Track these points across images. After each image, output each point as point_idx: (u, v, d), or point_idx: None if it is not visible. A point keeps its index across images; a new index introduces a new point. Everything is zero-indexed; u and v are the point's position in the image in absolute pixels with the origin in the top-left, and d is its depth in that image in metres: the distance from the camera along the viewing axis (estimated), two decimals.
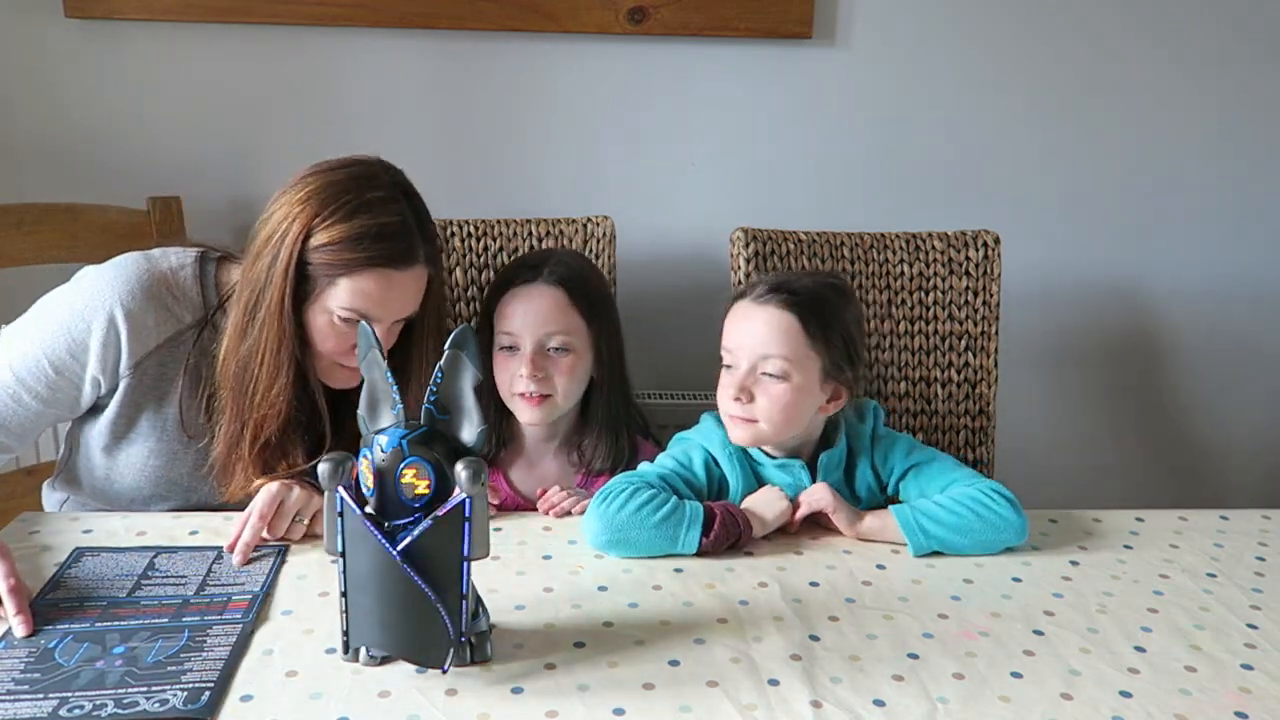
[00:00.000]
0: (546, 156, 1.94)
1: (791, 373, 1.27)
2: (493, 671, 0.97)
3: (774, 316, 1.28)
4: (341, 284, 1.20)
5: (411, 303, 1.26)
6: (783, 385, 1.27)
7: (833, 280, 1.37)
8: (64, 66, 1.81)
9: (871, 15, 1.90)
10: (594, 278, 1.49)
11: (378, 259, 1.20)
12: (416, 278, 1.25)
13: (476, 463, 0.89)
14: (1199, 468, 2.22)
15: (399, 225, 1.21)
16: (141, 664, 0.96)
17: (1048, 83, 1.96)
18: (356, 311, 1.21)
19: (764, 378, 1.27)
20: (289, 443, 1.27)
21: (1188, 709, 0.95)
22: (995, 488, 1.26)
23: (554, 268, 1.42)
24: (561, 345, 1.39)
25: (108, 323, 1.24)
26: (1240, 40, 1.96)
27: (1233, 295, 2.10)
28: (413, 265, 1.23)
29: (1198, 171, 2.03)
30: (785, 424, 1.29)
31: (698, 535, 1.19)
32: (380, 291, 1.21)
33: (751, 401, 1.27)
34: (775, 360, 1.27)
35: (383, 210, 1.21)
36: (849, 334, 1.31)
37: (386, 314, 1.24)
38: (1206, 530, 1.31)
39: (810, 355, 1.28)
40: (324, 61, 1.85)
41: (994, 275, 1.74)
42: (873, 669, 0.99)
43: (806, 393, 1.28)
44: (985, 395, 1.75)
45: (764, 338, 1.27)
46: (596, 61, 1.89)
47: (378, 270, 1.20)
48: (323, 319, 1.23)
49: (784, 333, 1.27)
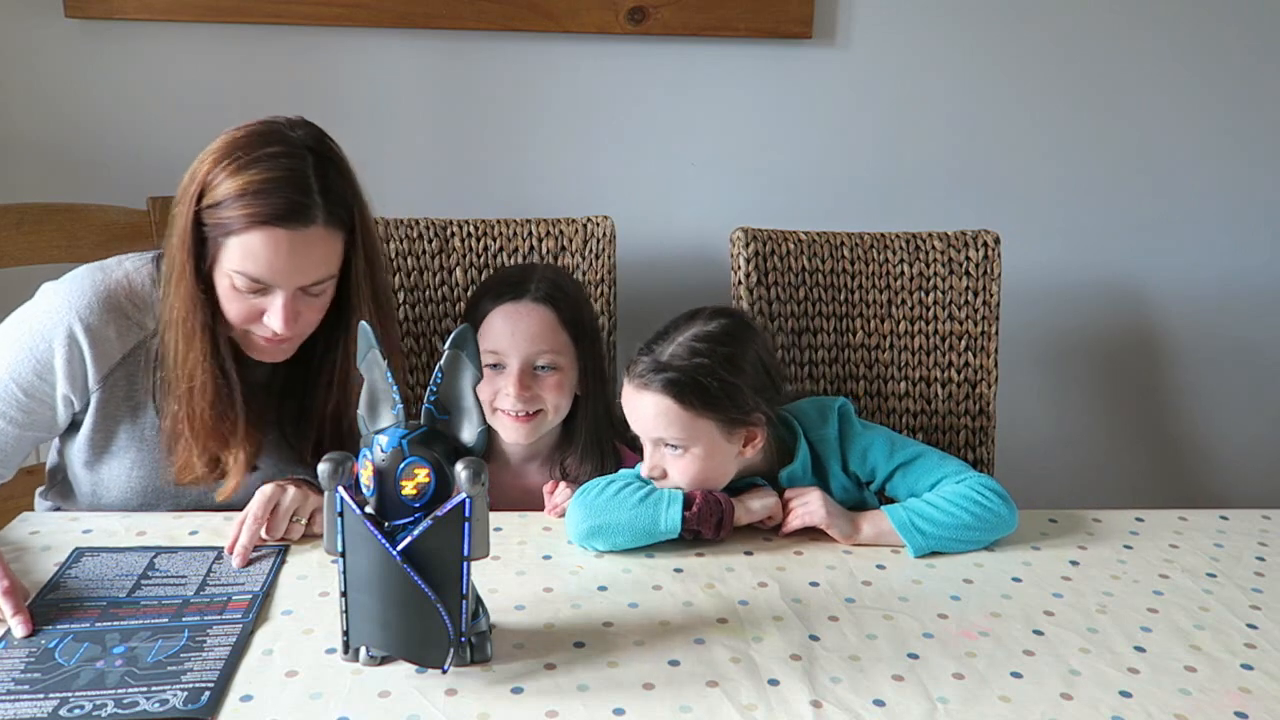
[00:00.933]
0: (546, 156, 1.94)
1: (689, 444, 1.24)
2: (493, 671, 0.97)
3: (654, 402, 1.23)
4: (231, 244, 1.14)
5: (314, 268, 1.18)
6: (685, 458, 1.24)
7: (711, 329, 1.27)
8: (64, 66, 1.81)
9: (871, 15, 1.90)
10: (577, 292, 1.48)
11: (262, 216, 1.12)
12: (315, 240, 1.16)
13: (477, 463, 0.89)
14: (1199, 468, 2.22)
15: (289, 180, 1.13)
16: (141, 664, 0.96)
17: (1048, 82, 1.96)
18: (249, 275, 1.15)
19: (667, 450, 1.25)
20: (227, 420, 1.23)
21: (1188, 709, 0.95)
22: (985, 483, 1.26)
23: (539, 284, 1.40)
24: (549, 364, 1.38)
25: (69, 340, 1.21)
26: (1241, 39, 1.96)
27: (1233, 295, 2.10)
28: (307, 225, 1.14)
29: (1198, 171, 2.03)
30: (706, 484, 1.26)
31: (679, 512, 1.20)
32: (268, 252, 1.13)
33: (665, 476, 1.26)
34: (671, 439, 1.24)
35: (274, 165, 1.13)
36: (734, 388, 1.24)
37: (282, 279, 1.16)
38: (1206, 530, 1.31)
39: (700, 423, 1.23)
40: (324, 61, 1.85)
41: (994, 275, 1.74)
42: (873, 669, 0.99)
43: (713, 453, 1.25)
44: (985, 395, 1.75)
45: (651, 422, 1.24)
46: (596, 61, 1.89)
47: (265, 229, 1.12)
48: (224, 283, 1.17)
49: (665, 415, 1.23)
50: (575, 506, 1.23)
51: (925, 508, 1.24)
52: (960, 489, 1.26)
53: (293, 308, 1.18)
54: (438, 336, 1.71)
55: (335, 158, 1.20)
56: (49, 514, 1.32)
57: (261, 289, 1.17)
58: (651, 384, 1.24)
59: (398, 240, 1.67)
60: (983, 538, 1.24)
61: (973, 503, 1.24)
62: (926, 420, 1.74)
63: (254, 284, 1.16)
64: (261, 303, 1.18)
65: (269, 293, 1.17)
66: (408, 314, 1.69)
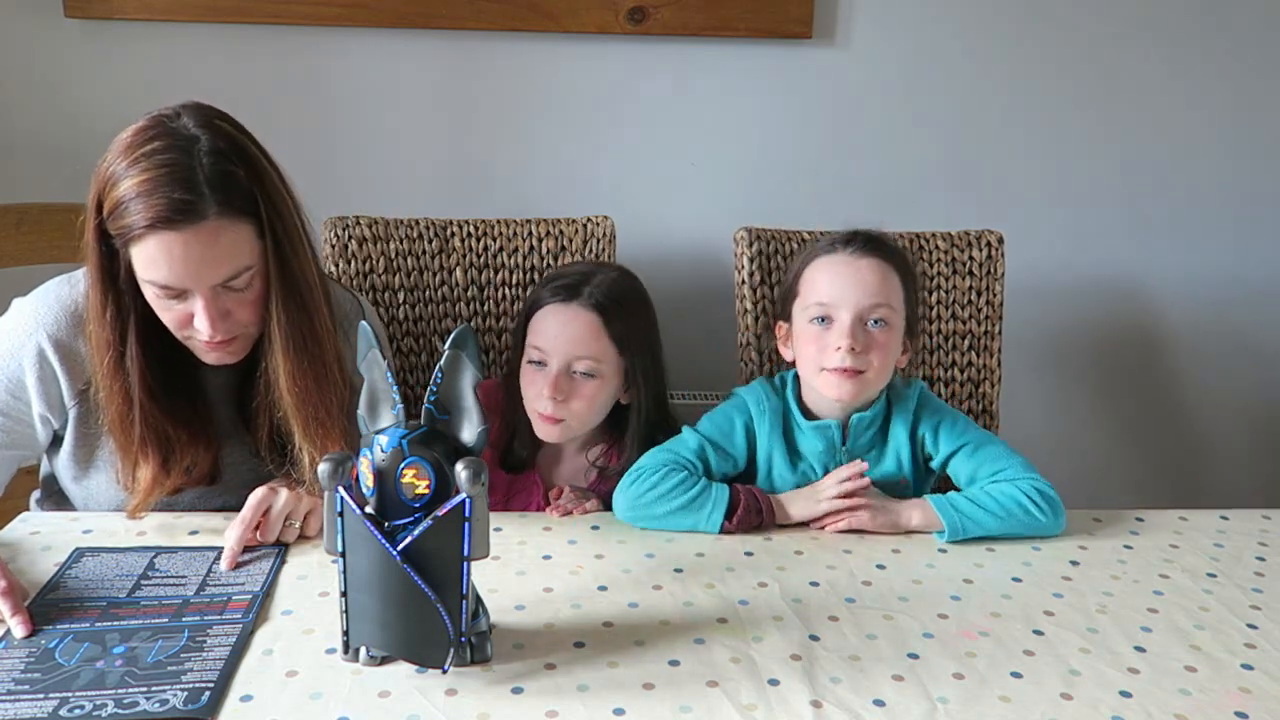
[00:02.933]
0: (546, 156, 1.94)
1: (894, 321, 1.30)
2: (493, 671, 0.97)
3: (878, 267, 1.30)
4: (134, 253, 1.10)
5: (221, 264, 1.11)
6: (885, 332, 1.29)
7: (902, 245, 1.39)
8: (64, 66, 1.81)
9: (871, 15, 1.90)
10: (632, 302, 1.44)
11: (149, 220, 1.06)
12: (213, 235, 1.09)
13: (476, 463, 0.89)
14: (1199, 468, 2.22)
15: (172, 177, 1.06)
16: (141, 664, 0.96)
17: (1049, 82, 1.96)
18: (156, 283, 1.10)
19: (874, 328, 1.29)
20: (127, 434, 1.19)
21: (1188, 709, 0.95)
22: (1040, 488, 1.27)
23: (594, 290, 1.39)
24: (587, 370, 1.37)
25: (39, 359, 1.20)
26: (1243, 40, 1.96)
27: (1235, 295, 2.10)
28: (197, 221, 1.07)
29: (1201, 171, 2.03)
30: (885, 376, 1.32)
31: (720, 518, 1.25)
32: (165, 257, 1.08)
33: (866, 353, 1.28)
34: (884, 309, 1.29)
35: (156, 163, 1.07)
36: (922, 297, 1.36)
37: (191, 280, 1.10)
38: (1206, 530, 1.31)
39: (901, 309, 1.31)
40: (324, 61, 1.85)
41: (997, 275, 1.73)
42: (873, 669, 0.99)
43: (897, 344, 1.32)
44: (989, 394, 1.75)
45: (873, 288, 1.29)
46: (596, 61, 1.89)
47: (156, 233, 1.07)
48: (148, 292, 1.13)
49: (888, 283, 1.30)
50: (623, 494, 1.27)
51: (973, 510, 1.25)
52: (1013, 492, 1.27)
53: (216, 307, 1.13)
54: (438, 336, 1.71)
55: (229, 141, 1.12)
56: (49, 514, 1.32)
57: (178, 294, 1.12)
58: (872, 251, 1.31)
59: (398, 240, 1.67)
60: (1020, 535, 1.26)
61: (1021, 509, 1.25)
62: None
63: (167, 290, 1.11)
64: (186, 307, 1.13)
65: (188, 296, 1.12)
66: (408, 314, 1.69)
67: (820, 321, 1.31)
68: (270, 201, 1.14)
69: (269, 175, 1.15)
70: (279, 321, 1.17)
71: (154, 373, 1.19)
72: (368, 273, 1.66)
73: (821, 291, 1.31)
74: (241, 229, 1.12)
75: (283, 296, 1.17)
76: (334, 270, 1.65)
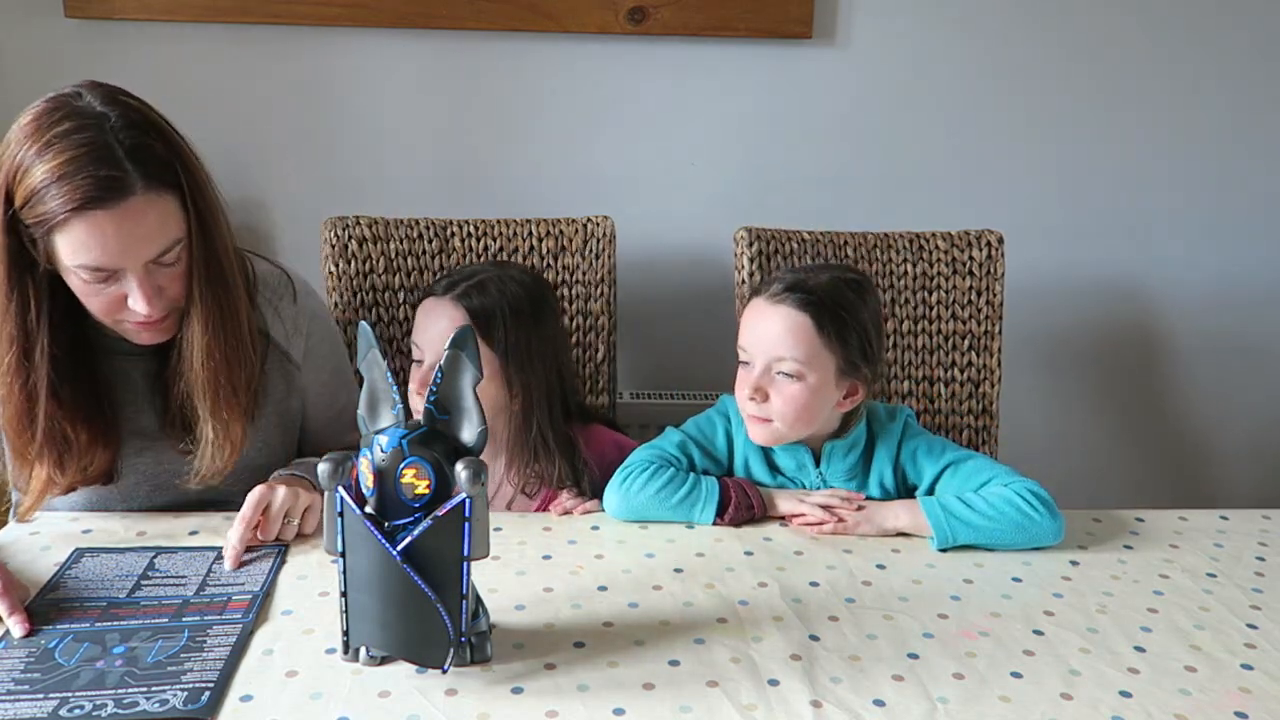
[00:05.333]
0: (546, 156, 1.94)
1: (805, 373, 1.26)
2: (493, 671, 0.97)
3: (788, 317, 1.27)
4: (58, 240, 1.06)
5: (153, 239, 1.09)
6: (797, 385, 1.27)
7: (851, 275, 1.35)
8: (64, 66, 1.81)
9: (871, 15, 1.90)
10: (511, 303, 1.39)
11: (75, 202, 1.03)
12: (140, 210, 1.07)
13: (477, 463, 0.89)
14: (1199, 468, 2.22)
15: (91, 155, 1.04)
16: (141, 664, 0.96)
17: (1049, 82, 1.96)
18: (89, 266, 1.07)
19: (779, 377, 1.27)
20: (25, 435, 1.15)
21: (1188, 709, 0.95)
22: (1032, 489, 1.26)
23: (469, 288, 1.37)
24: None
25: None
26: (1244, 40, 1.96)
27: (1235, 295, 2.10)
28: (125, 198, 1.05)
29: (1201, 171, 2.03)
30: (800, 423, 1.29)
31: (712, 514, 1.27)
32: (96, 238, 1.05)
33: (766, 401, 1.28)
34: (789, 361, 1.26)
35: (71, 144, 1.04)
36: (865, 331, 1.30)
37: (124, 259, 1.08)
38: (1206, 530, 1.31)
39: (824, 354, 1.27)
40: (324, 61, 1.85)
41: (997, 275, 1.74)
42: (873, 669, 0.99)
43: (821, 392, 1.28)
44: (989, 395, 1.75)
45: (777, 338, 1.27)
46: (596, 61, 1.89)
47: (83, 214, 1.04)
48: (74, 280, 1.10)
49: (797, 333, 1.26)
50: (615, 493, 1.29)
51: (962, 509, 1.24)
52: (1004, 492, 1.26)
53: (150, 284, 1.11)
54: None
55: (139, 114, 1.10)
56: (49, 514, 1.32)
57: (109, 275, 1.09)
58: (789, 300, 1.28)
59: (398, 240, 1.67)
60: (1018, 542, 1.23)
61: (1013, 507, 1.23)
62: (930, 420, 1.74)
63: (99, 273, 1.08)
64: (118, 290, 1.11)
65: (120, 278, 1.10)
66: (408, 314, 1.69)
67: (745, 365, 1.31)
68: (189, 172, 1.12)
69: (183, 147, 1.13)
70: (199, 294, 1.15)
71: (61, 369, 1.15)
72: (368, 273, 1.66)
73: (742, 335, 1.32)
74: (167, 201, 1.10)
75: (204, 268, 1.15)
76: (334, 270, 1.65)
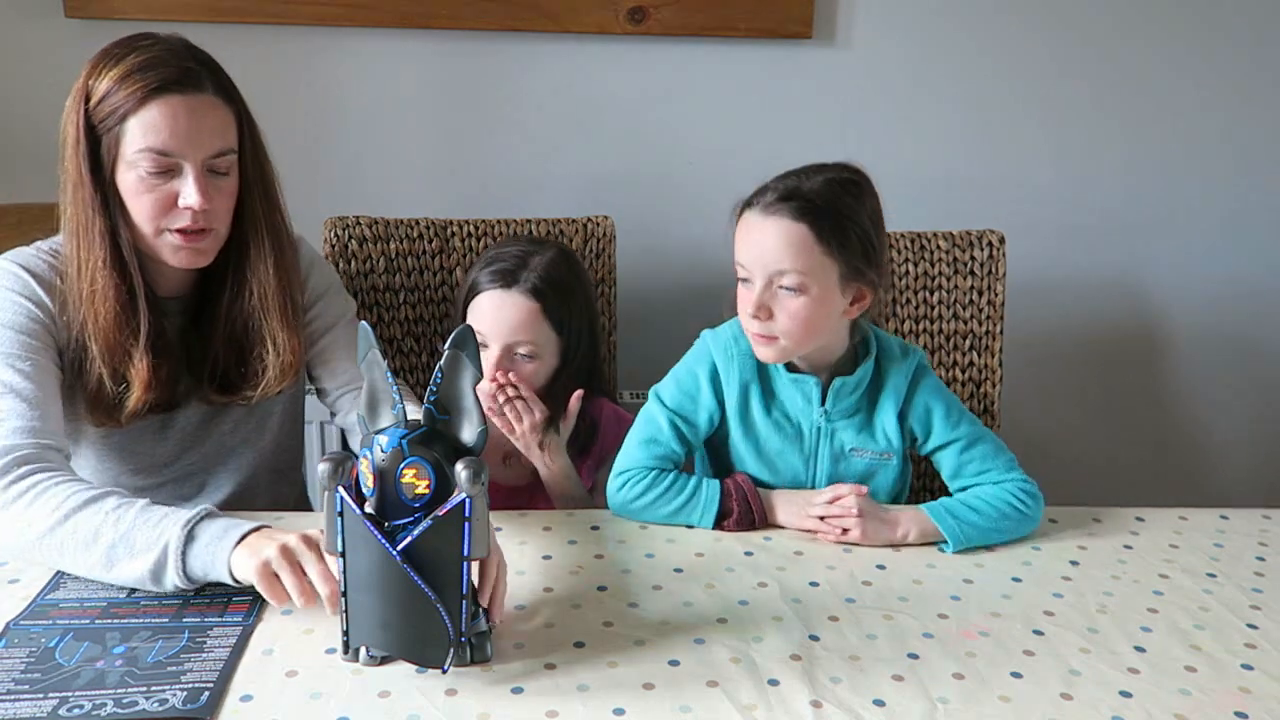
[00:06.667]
0: (546, 156, 1.94)
1: (809, 285, 1.21)
2: (493, 671, 0.97)
3: (785, 228, 1.21)
4: (129, 126, 1.15)
5: (215, 136, 1.19)
6: (801, 300, 1.21)
7: (846, 175, 1.27)
8: (64, 66, 1.80)
9: (871, 15, 1.90)
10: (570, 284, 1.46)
11: (155, 85, 1.14)
12: (209, 106, 1.19)
13: (476, 462, 0.89)
14: (1199, 468, 2.22)
15: (171, 56, 1.17)
16: (141, 664, 0.96)
17: (1050, 81, 1.96)
18: (155, 149, 1.15)
19: (781, 292, 1.22)
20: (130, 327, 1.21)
21: (1188, 709, 0.95)
22: (1026, 489, 1.28)
23: (530, 275, 1.42)
24: (528, 353, 1.41)
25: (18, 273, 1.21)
26: (1245, 40, 1.96)
27: (1236, 295, 2.10)
28: (201, 91, 1.18)
29: (1203, 171, 2.03)
30: (807, 337, 1.25)
31: (712, 520, 1.26)
32: (170, 120, 1.15)
33: (770, 319, 1.23)
34: (791, 275, 1.21)
35: (151, 49, 1.17)
36: (866, 234, 1.24)
37: (188, 146, 1.17)
38: (1206, 530, 1.31)
39: (826, 263, 1.21)
40: (324, 61, 1.85)
41: (999, 275, 1.73)
42: (873, 669, 0.99)
43: (826, 303, 1.23)
44: (990, 394, 1.75)
45: (776, 251, 1.21)
46: (596, 61, 1.89)
47: (160, 98, 1.15)
48: (130, 178, 1.17)
49: (796, 245, 1.20)
50: (614, 497, 1.29)
51: (970, 515, 1.25)
52: (1002, 495, 1.27)
53: (205, 183, 1.18)
54: (438, 336, 1.71)
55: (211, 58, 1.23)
56: None
57: (170, 169, 1.17)
58: (784, 211, 1.21)
59: (398, 240, 1.67)
60: (1012, 536, 1.26)
61: (1013, 510, 1.26)
62: None
63: (162, 160, 1.16)
64: (173, 186, 1.18)
65: (178, 174, 1.18)
66: (408, 314, 1.69)
67: (745, 282, 1.25)
68: (243, 102, 1.24)
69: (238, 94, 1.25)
70: (259, 213, 1.26)
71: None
72: (368, 273, 1.66)
73: (738, 251, 1.26)
74: (228, 112, 1.21)
75: (260, 190, 1.26)
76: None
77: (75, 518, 1.04)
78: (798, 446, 1.33)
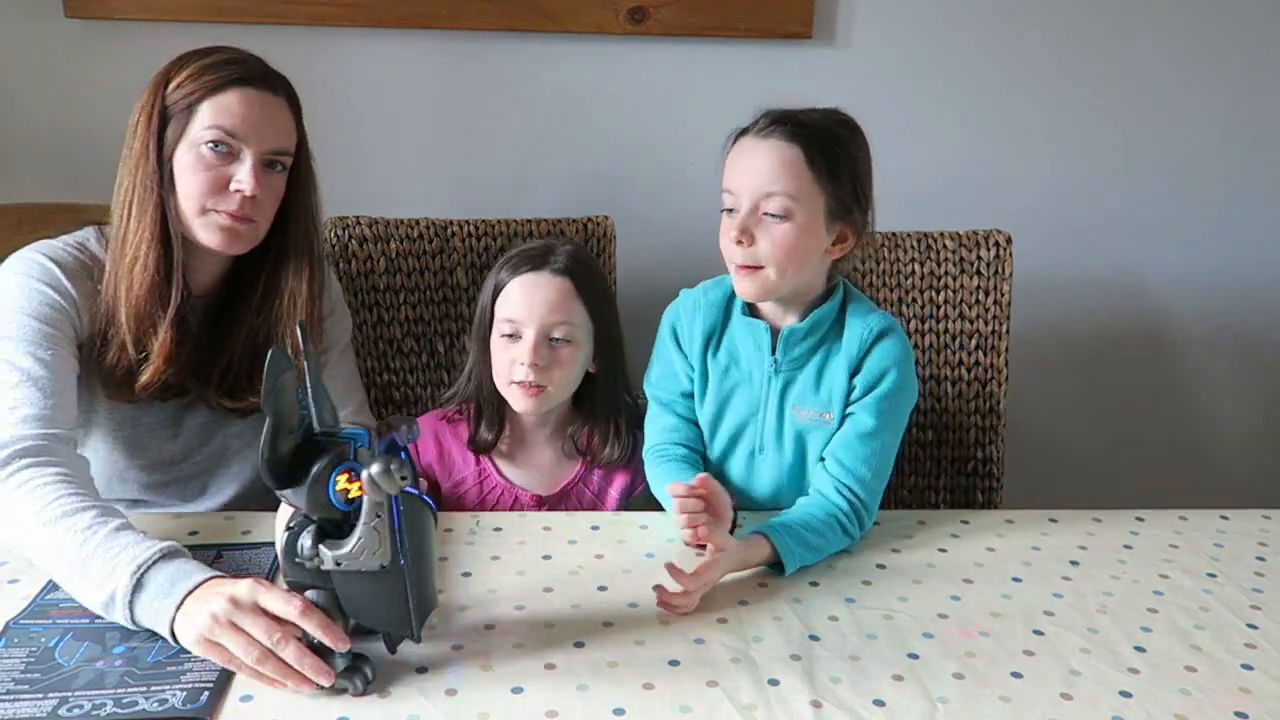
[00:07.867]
0: (546, 156, 1.94)
1: (794, 210, 1.19)
2: (493, 671, 0.97)
3: (776, 149, 1.20)
4: (203, 108, 1.21)
5: (279, 134, 1.26)
6: (785, 225, 1.19)
7: (841, 116, 1.28)
8: (64, 66, 1.81)
9: (871, 15, 1.90)
10: (597, 268, 1.52)
11: (237, 76, 1.22)
12: (280, 108, 1.26)
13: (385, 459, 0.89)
14: (1199, 468, 2.22)
15: (255, 59, 1.26)
16: (141, 664, 0.96)
17: (1052, 81, 1.96)
18: (224, 129, 1.21)
19: (766, 219, 1.20)
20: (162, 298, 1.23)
21: (1188, 709, 0.95)
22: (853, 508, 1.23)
23: (560, 256, 1.42)
24: (565, 336, 1.39)
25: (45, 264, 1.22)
26: (1248, 40, 1.96)
27: (1240, 296, 2.10)
28: (275, 92, 1.25)
29: (1208, 172, 2.03)
30: (790, 267, 1.21)
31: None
32: (244, 107, 1.22)
33: (753, 244, 1.20)
34: (778, 198, 1.19)
35: (237, 53, 1.26)
36: (857, 172, 1.23)
37: (255, 135, 1.23)
38: (1206, 530, 1.31)
39: (814, 190, 1.20)
40: (324, 61, 1.85)
41: (1005, 275, 1.73)
42: (873, 669, 0.99)
43: (810, 233, 1.20)
44: (995, 394, 1.74)
45: (766, 173, 1.19)
46: (596, 61, 1.89)
47: (239, 87, 1.22)
48: (190, 157, 1.22)
49: (787, 166, 1.19)
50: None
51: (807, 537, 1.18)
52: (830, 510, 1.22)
53: (260, 173, 1.23)
54: (438, 337, 1.71)
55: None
56: None
57: (231, 152, 1.22)
58: (778, 133, 1.21)
59: (398, 240, 1.67)
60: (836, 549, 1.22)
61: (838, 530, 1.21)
62: (936, 418, 1.74)
63: (226, 139, 1.21)
64: (229, 170, 1.22)
65: (236, 159, 1.23)
66: (408, 314, 1.69)
67: (729, 213, 1.23)
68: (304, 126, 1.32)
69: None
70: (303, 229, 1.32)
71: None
72: (368, 273, 1.66)
73: (727, 177, 1.24)
74: (293, 123, 1.29)
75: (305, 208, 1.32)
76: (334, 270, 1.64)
77: (52, 528, 1.02)
78: (746, 395, 1.31)
